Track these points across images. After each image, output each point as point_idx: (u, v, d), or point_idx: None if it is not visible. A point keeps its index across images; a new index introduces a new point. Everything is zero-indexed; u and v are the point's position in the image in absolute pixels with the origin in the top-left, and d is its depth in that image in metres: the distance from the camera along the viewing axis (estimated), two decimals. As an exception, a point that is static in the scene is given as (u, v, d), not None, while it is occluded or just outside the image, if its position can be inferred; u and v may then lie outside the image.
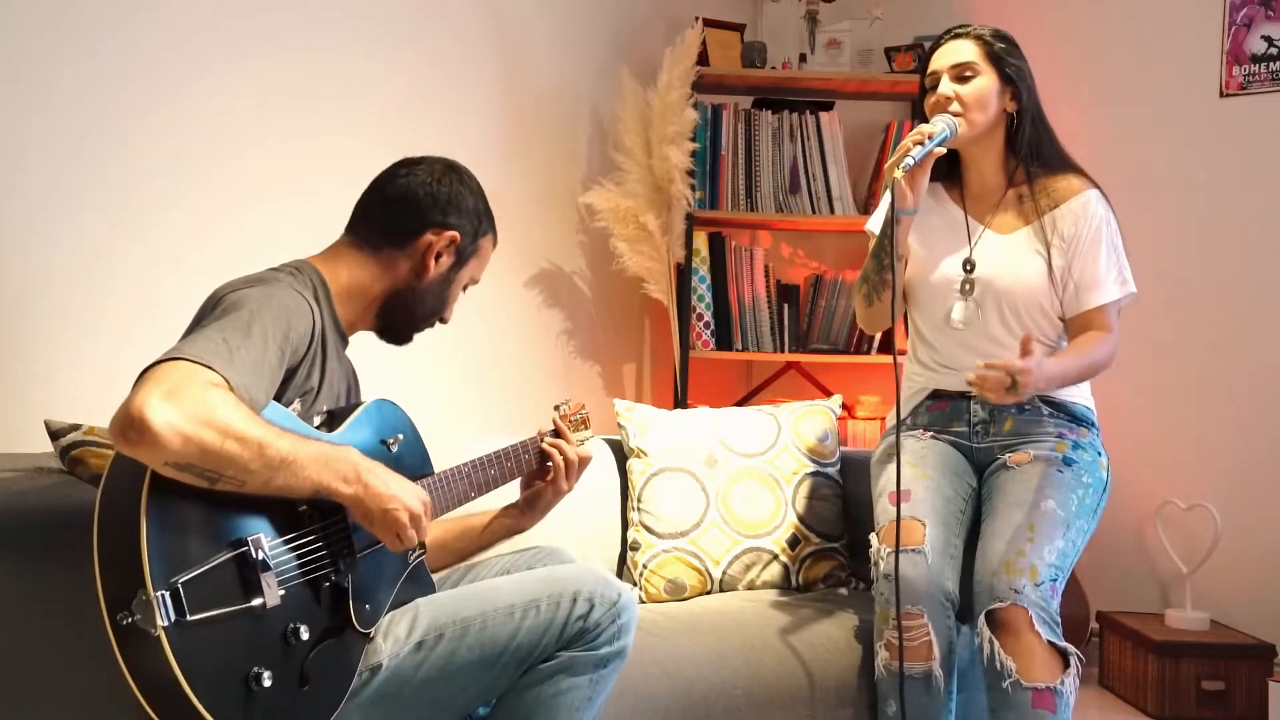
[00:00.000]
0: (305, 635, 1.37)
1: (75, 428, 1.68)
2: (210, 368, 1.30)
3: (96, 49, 2.25)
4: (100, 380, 2.20)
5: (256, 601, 1.32)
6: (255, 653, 1.32)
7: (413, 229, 1.68)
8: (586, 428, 2.05)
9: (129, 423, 1.22)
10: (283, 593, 1.36)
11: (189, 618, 1.24)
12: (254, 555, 1.33)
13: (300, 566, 1.41)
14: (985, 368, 1.82)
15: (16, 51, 2.13)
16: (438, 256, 1.69)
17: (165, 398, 1.23)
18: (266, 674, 1.30)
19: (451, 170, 1.74)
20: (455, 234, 1.69)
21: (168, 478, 1.27)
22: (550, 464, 1.85)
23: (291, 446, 1.33)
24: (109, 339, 2.26)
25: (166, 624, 1.22)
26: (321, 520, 1.45)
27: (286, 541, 1.40)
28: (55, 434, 1.68)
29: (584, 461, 1.88)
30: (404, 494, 1.44)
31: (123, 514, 1.25)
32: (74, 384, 2.19)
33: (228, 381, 1.30)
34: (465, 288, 1.79)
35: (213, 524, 1.32)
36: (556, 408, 2.01)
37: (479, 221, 1.74)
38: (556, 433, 1.88)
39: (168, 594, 1.23)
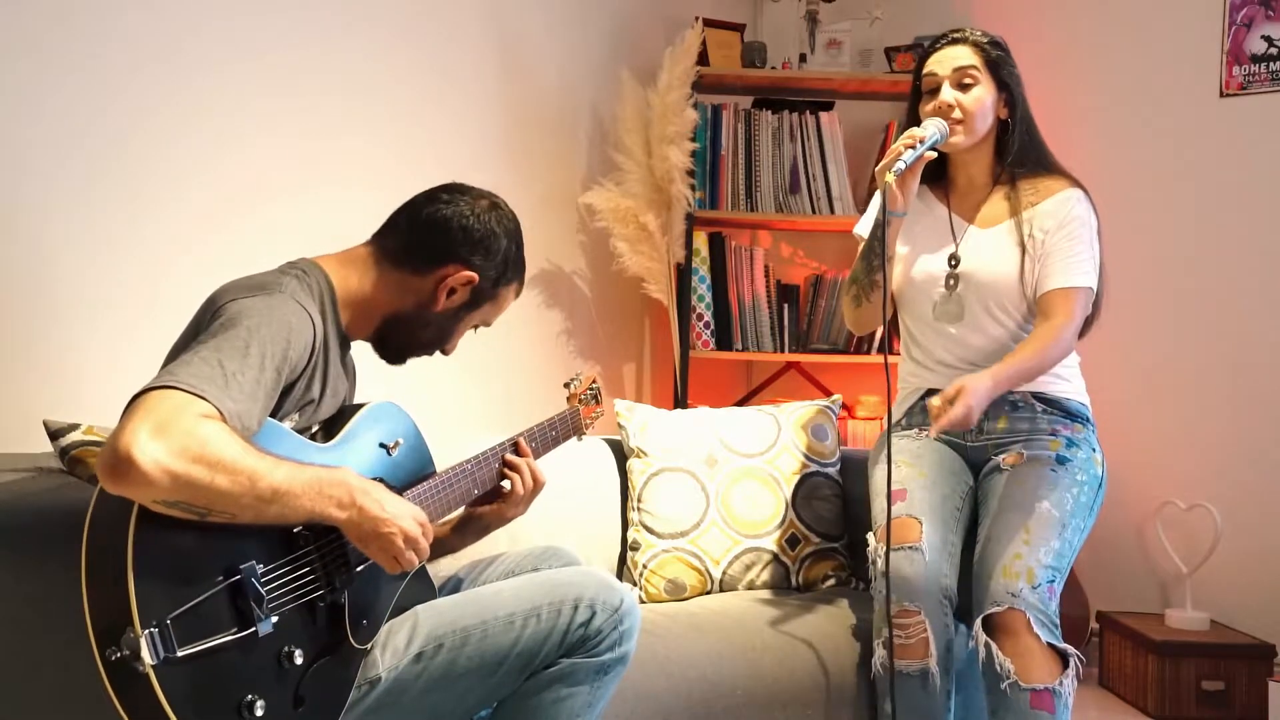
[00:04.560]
0: (299, 659, 1.35)
1: (75, 427, 1.68)
2: (203, 397, 1.25)
3: (96, 49, 2.25)
4: (100, 380, 2.20)
5: (248, 630, 1.29)
6: (248, 681, 1.29)
7: (434, 258, 1.62)
8: (599, 403, 2.00)
9: (116, 462, 1.17)
10: (276, 619, 1.32)
11: (178, 653, 1.21)
12: (246, 584, 1.29)
13: (295, 590, 1.37)
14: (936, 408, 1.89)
15: (16, 52, 2.13)
16: (450, 292, 1.64)
17: (153, 434, 1.18)
18: (260, 702, 1.28)
19: (494, 209, 1.67)
20: (474, 275, 1.63)
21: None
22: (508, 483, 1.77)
23: (285, 476, 1.29)
24: (109, 339, 2.26)
25: (155, 662, 1.19)
26: (316, 540, 1.42)
27: (280, 566, 1.36)
28: (55, 434, 1.68)
29: (540, 486, 1.79)
30: (400, 516, 1.39)
31: (109, 550, 1.21)
32: (74, 384, 2.19)
33: (220, 412, 1.26)
34: (475, 328, 1.74)
35: (203, 554, 1.28)
36: (567, 385, 1.96)
37: (505, 268, 1.67)
38: (517, 450, 1.79)
39: (156, 631, 1.19)
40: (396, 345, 1.69)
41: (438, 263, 1.62)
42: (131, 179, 2.32)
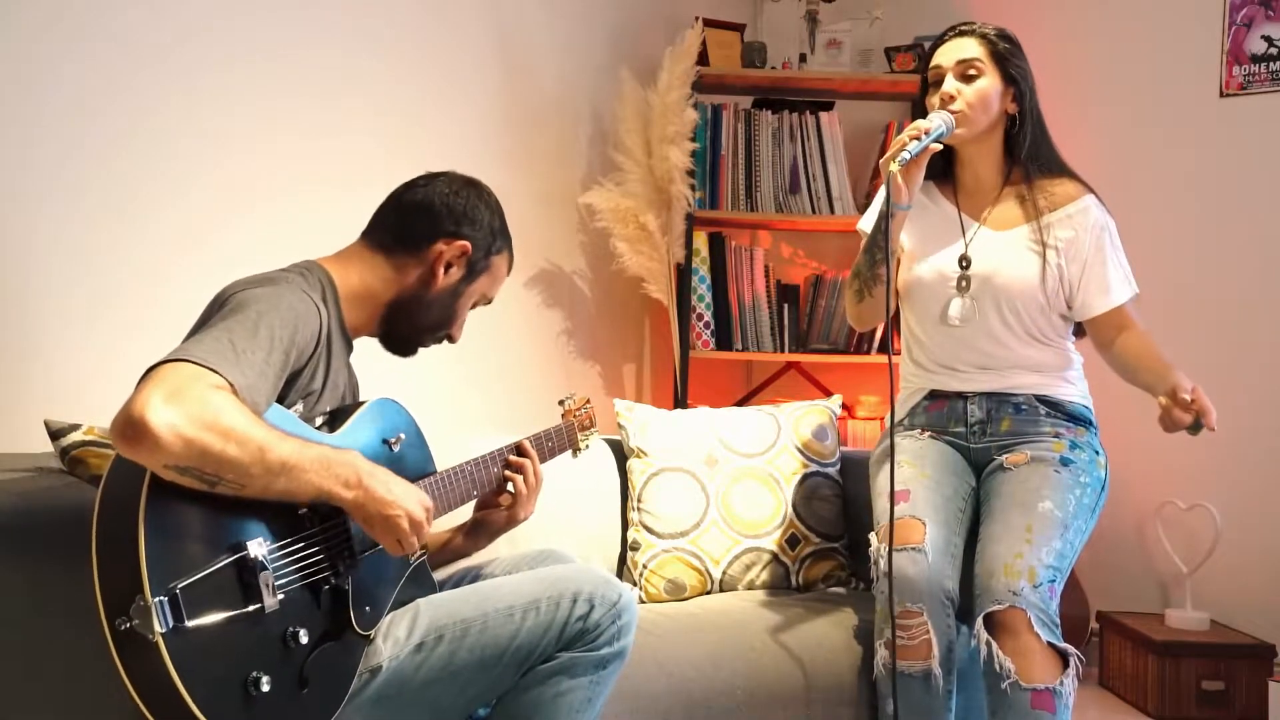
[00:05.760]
0: (304, 639, 1.37)
1: (75, 428, 1.68)
2: (215, 370, 1.29)
3: (96, 49, 2.25)
4: (100, 380, 2.19)
5: (255, 606, 1.32)
6: (254, 657, 1.31)
7: (425, 236, 1.68)
8: (592, 424, 2.04)
9: (130, 424, 1.21)
10: (281, 596, 1.35)
11: (187, 623, 1.24)
12: (252, 559, 1.32)
13: (299, 570, 1.40)
14: (1175, 407, 1.81)
15: (16, 52, 2.13)
16: (447, 266, 1.69)
17: (167, 400, 1.23)
18: (265, 678, 1.30)
19: (471, 185, 1.74)
20: (466, 244, 1.69)
21: (167, 481, 1.26)
22: (510, 485, 1.83)
23: (293, 450, 1.33)
24: (109, 339, 2.26)
25: (164, 630, 1.21)
26: (321, 523, 1.45)
27: (285, 545, 1.39)
28: (55, 434, 1.68)
29: (540, 482, 1.85)
30: (406, 499, 1.43)
31: (121, 518, 1.25)
32: (74, 384, 2.19)
33: (231, 384, 1.30)
34: (475, 305, 1.78)
35: (212, 528, 1.32)
36: (561, 403, 2.00)
37: (493, 238, 1.74)
38: (520, 450, 1.84)
39: (166, 600, 1.22)
40: (403, 334, 1.73)
41: (429, 240, 1.68)
42: (132, 179, 2.32)
